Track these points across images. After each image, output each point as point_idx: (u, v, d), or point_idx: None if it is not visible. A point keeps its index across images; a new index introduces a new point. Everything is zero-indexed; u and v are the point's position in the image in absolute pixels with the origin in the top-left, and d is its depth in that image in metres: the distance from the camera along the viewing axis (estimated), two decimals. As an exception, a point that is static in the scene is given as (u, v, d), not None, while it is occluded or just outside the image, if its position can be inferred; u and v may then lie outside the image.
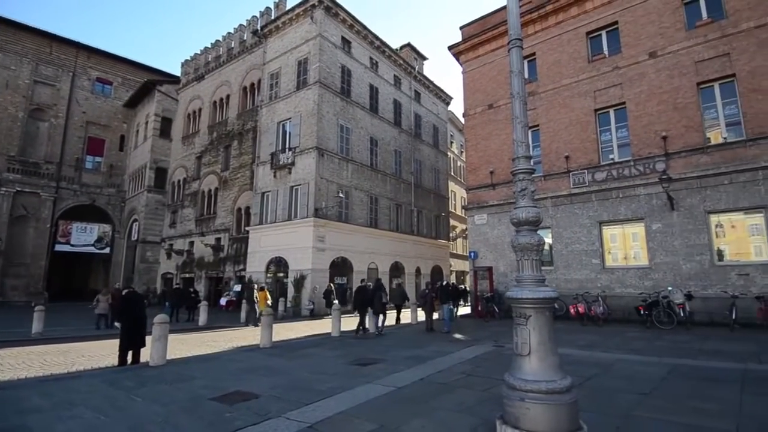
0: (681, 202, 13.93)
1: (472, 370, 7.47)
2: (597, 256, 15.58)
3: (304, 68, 22.87)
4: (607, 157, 16.11)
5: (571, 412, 3.68)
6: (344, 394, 5.89)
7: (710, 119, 14.16)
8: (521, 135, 4.44)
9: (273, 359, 8.82)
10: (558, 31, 17.82)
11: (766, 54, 13.00)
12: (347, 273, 22.58)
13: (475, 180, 19.70)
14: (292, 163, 22.11)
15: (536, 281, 4.06)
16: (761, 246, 12.76)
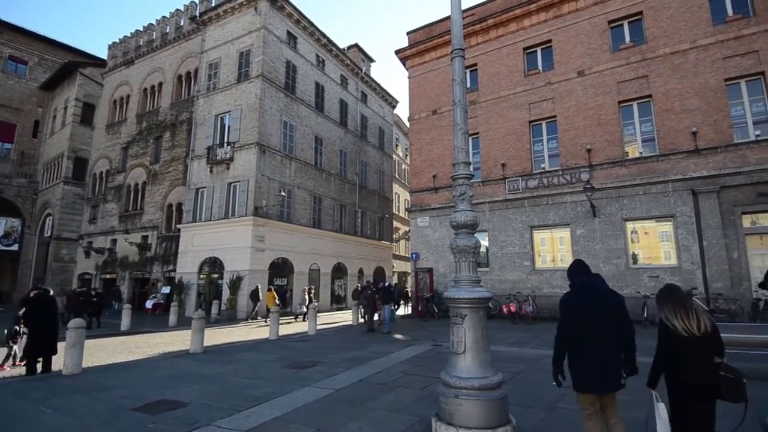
0: (602, 210, 15.21)
1: (411, 369, 7.59)
2: (528, 258, 16.55)
3: (246, 60, 22.01)
4: (539, 166, 17.19)
5: (502, 407, 3.85)
6: (281, 399, 5.73)
7: (629, 135, 15.61)
8: (462, 141, 4.58)
9: (204, 365, 8.36)
10: (498, 44, 18.74)
11: (679, 77, 14.60)
12: (288, 274, 22.01)
13: (419, 183, 20.12)
14: (230, 158, 21.16)
15: (472, 282, 4.21)
16: (670, 251, 14.27)
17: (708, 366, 3.06)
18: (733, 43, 13.85)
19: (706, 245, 13.43)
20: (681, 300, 3.20)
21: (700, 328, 3.04)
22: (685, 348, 3.06)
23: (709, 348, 3.08)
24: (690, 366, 3.05)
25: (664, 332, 3.18)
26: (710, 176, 13.57)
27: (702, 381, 3.03)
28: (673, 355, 3.11)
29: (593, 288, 3.58)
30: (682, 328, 3.07)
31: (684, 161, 14.15)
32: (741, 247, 13.15)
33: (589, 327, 3.27)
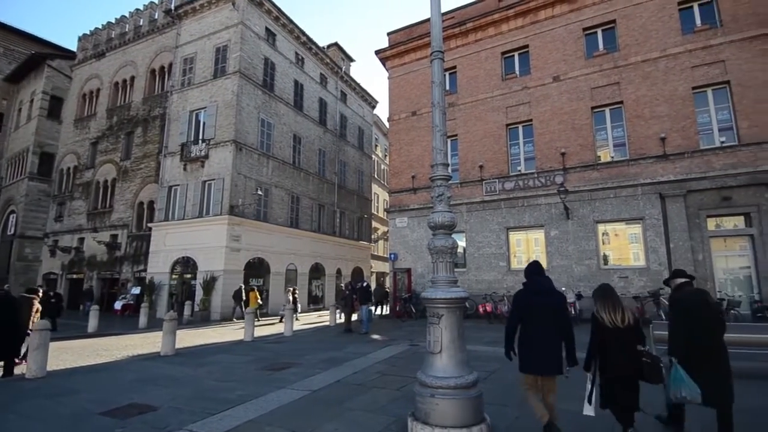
0: (575, 212, 15.61)
1: (388, 369, 7.59)
2: (504, 259, 16.82)
3: (223, 56, 21.58)
4: (515, 168, 17.50)
5: (477, 406, 3.90)
6: (255, 402, 5.63)
7: (601, 140, 16.08)
8: (440, 143, 4.61)
9: (176, 368, 8.14)
10: (477, 48, 18.99)
11: (649, 85, 15.13)
12: (264, 275, 21.67)
13: (398, 184, 20.17)
14: (205, 155, 20.69)
15: (449, 282, 4.24)
16: (639, 252, 14.78)
17: (631, 353, 3.68)
18: (701, 53, 14.46)
19: (672, 247, 13.97)
20: (610, 297, 3.86)
21: (624, 320, 3.72)
22: (612, 337, 3.70)
23: (632, 338, 3.73)
24: (616, 352, 3.68)
25: (595, 324, 3.85)
26: (677, 181, 14.12)
27: (625, 365, 3.65)
28: (601, 342, 3.75)
29: (541, 287, 4.08)
30: (609, 320, 3.73)
31: (653, 166, 14.68)
32: (706, 249, 13.74)
33: (535, 319, 3.90)
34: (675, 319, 4.25)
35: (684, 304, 4.21)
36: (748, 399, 5.24)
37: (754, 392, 5.64)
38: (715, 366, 3.88)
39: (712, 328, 3.97)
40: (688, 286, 4.41)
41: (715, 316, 4.08)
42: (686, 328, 4.03)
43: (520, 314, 3.99)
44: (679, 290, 4.43)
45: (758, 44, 13.66)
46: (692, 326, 3.99)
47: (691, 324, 4.01)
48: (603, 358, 3.75)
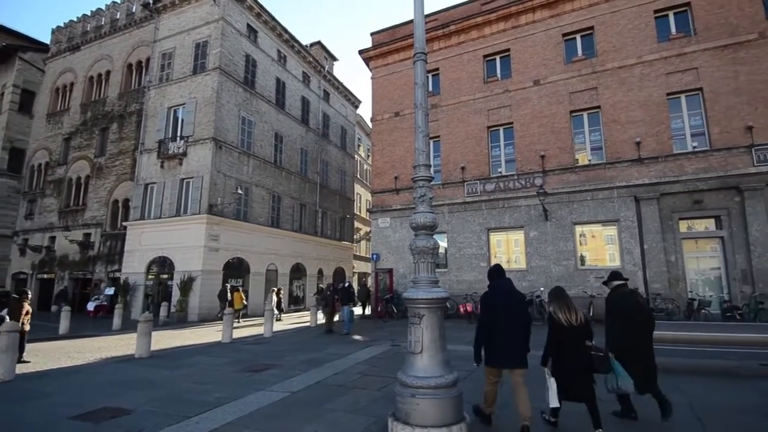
0: (553, 214, 15.90)
1: (369, 370, 7.57)
2: (485, 259, 17.01)
3: (203, 52, 21.17)
4: (496, 170, 17.72)
5: (456, 405, 3.92)
6: (233, 404, 5.54)
7: (579, 143, 16.44)
8: (422, 144, 4.61)
9: (151, 370, 7.94)
10: (459, 50, 19.15)
11: (625, 90, 15.54)
12: (243, 275, 21.34)
13: (380, 184, 20.16)
14: (183, 153, 20.25)
15: (430, 282, 4.26)
16: (614, 253, 15.15)
17: (582, 347, 4.16)
18: (675, 60, 14.93)
19: (646, 248, 14.38)
20: (564, 299, 4.29)
21: (577, 320, 4.16)
22: (567, 335, 4.14)
23: (583, 335, 4.18)
24: (570, 348, 4.13)
25: (552, 323, 4.27)
26: (651, 184, 14.54)
27: (579, 358, 4.12)
28: (558, 339, 4.18)
29: (505, 289, 4.45)
30: (564, 319, 4.16)
31: (628, 169, 15.08)
32: (678, 251, 14.19)
33: (500, 318, 4.23)
34: (611, 318, 4.72)
35: (618, 304, 4.70)
36: (718, 398, 5.42)
37: (724, 390, 5.84)
38: (646, 359, 4.47)
39: (642, 327, 4.54)
40: (622, 288, 4.90)
41: (645, 316, 4.67)
42: (620, 326, 4.54)
43: (490, 315, 4.29)
44: (614, 292, 4.91)
45: (729, 52, 14.20)
46: (626, 324, 4.51)
47: (624, 322, 4.53)
48: (559, 353, 4.18)
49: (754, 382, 6.06)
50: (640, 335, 4.52)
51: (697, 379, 6.32)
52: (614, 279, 5.03)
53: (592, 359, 4.18)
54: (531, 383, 4.34)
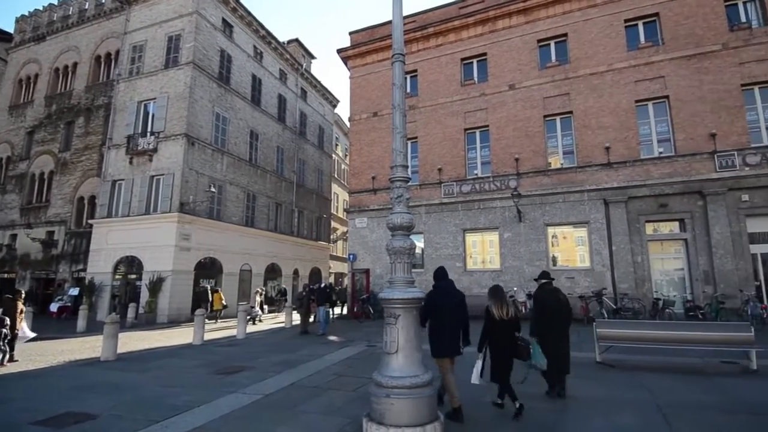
0: (527, 215, 16.23)
1: (344, 371, 7.52)
2: (460, 259, 17.19)
3: (176, 45, 20.58)
4: (472, 172, 17.95)
5: (431, 404, 3.94)
6: (204, 407, 5.40)
7: (552, 147, 16.83)
8: (400, 145, 4.62)
9: (118, 373, 7.65)
10: (437, 53, 19.30)
11: (596, 97, 16.01)
12: (216, 275, 20.85)
13: (358, 184, 20.09)
14: (154, 149, 19.62)
15: (407, 282, 4.27)
16: (584, 254, 15.59)
17: (510, 338, 4.96)
18: (643, 68, 15.49)
19: (615, 249, 14.86)
20: (500, 297, 5.01)
21: (507, 314, 4.91)
22: (498, 327, 4.91)
23: (512, 327, 4.98)
24: (500, 338, 4.92)
25: (487, 316, 4.99)
26: (620, 187, 15.04)
27: (507, 347, 4.93)
28: (491, 331, 4.94)
29: (447, 289, 5.03)
30: (497, 314, 4.91)
31: (598, 173, 15.55)
32: (644, 252, 14.73)
33: (443, 315, 4.73)
34: (536, 310, 5.70)
35: (543, 299, 5.69)
36: (682, 394, 5.64)
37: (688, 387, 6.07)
38: (563, 347, 5.48)
39: (561, 318, 5.56)
40: (548, 285, 5.83)
41: (563, 309, 5.64)
42: (543, 317, 5.52)
43: (431, 311, 4.81)
44: (540, 289, 5.87)
45: (695, 62, 14.84)
46: (548, 316, 5.50)
47: (546, 314, 5.52)
48: (492, 342, 4.96)
49: (716, 379, 6.34)
50: (558, 325, 5.52)
51: (663, 376, 6.56)
52: (542, 278, 5.94)
53: (517, 348, 4.99)
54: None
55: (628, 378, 6.49)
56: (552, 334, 5.40)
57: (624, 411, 4.91)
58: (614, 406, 5.09)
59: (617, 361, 7.54)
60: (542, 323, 5.49)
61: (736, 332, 6.83)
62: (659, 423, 4.50)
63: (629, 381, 6.31)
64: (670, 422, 4.49)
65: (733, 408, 4.92)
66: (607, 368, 7.16)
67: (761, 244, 13.74)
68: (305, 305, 13.64)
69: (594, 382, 6.31)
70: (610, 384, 6.15)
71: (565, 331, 5.59)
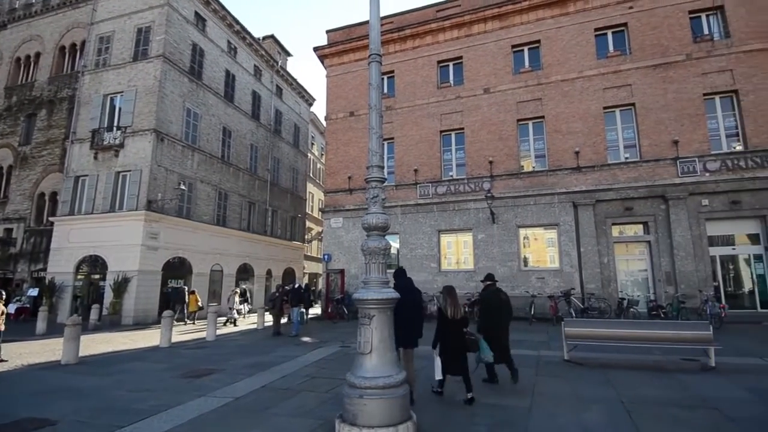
0: (500, 217, 16.54)
1: (317, 372, 7.45)
2: (435, 260, 17.35)
3: (146, 37, 19.89)
4: (447, 173, 18.15)
5: (404, 404, 3.94)
6: (171, 411, 5.23)
7: (524, 151, 17.22)
8: (376, 145, 4.62)
9: (79, 378, 7.32)
10: (414, 55, 19.42)
11: (567, 103, 16.48)
12: (185, 275, 20.25)
13: (334, 184, 19.96)
14: (120, 144, 18.90)
15: (381, 283, 4.26)
16: (554, 255, 16.01)
17: (460, 334, 5.49)
18: (611, 76, 16.06)
19: (583, 251, 15.33)
20: (452, 297, 5.55)
21: (457, 314, 5.47)
22: (450, 324, 5.44)
23: (462, 325, 5.52)
24: (452, 334, 5.43)
25: (440, 315, 5.51)
26: (588, 191, 15.53)
27: (457, 343, 5.44)
28: (444, 329, 5.46)
29: (407, 287, 5.45)
30: (450, 313, 5.44)
31: (568, 177, 16.01)
32: (610, 253, 15.26)
33: (403, 310, 4.91)
34: (481, 309, 6.48)
35: (487, 299, 6.46)
36: (645, 391, 5.86)
37: (651, 383, 6.31)
38: (504, 340, 6.21)
39: (502, 316, 6.29)
40: (492, 287, 6.60)
41: (505, 308, 6.37)
42: (488, 315, 6.27)
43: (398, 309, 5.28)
44: (486, 289, 6.65)
45: (660, 71, 15.49)
46: (491, 314, 6.25)
47: (490, 312, 6.27)
48: (444, 339, 5.44)
49: (677, 376, 6.61)
50: (500, 322, 6.24)
51: (627, 373, 6.80)
52: (488, 280, 6.74)
53: (466, 342, 5.54)
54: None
55: (595, 375, 6.70)
56: (495, 330, 6.11)
57: (590, 407, 5.06)
58: (580, 403, 5.24)
59: (584, 359, 7.78)
60: (487, 320, 6.22)
61: (695, 331, 7.15)
62: (623, 419, 4.65)
63: (595, 378, 6.51)
64: (633, 418, 4.66)
65: (693, 403, 5.14)
66: (575, 366, 7.37)
67: (719, 247, 14.49)
68: (278, 306, 13.43)
69: (561, 379, 6.48)
70: (577, 381, 6.33)
71: (506, 327, 6.34)
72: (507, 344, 6.26)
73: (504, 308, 6.35)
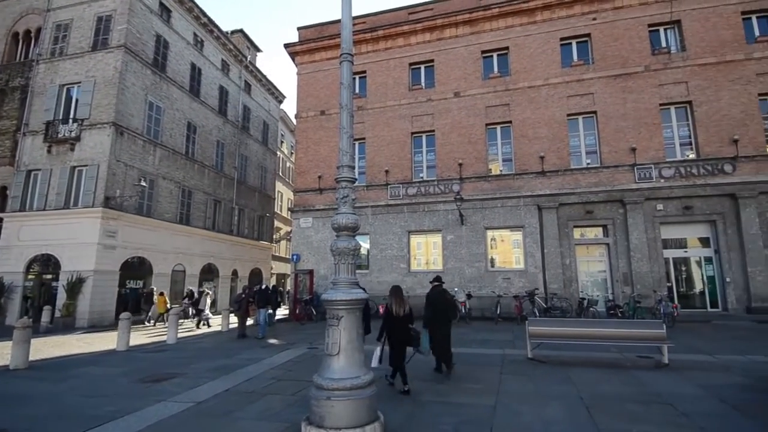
0: (468, 219, 16.84)
1: (283, 374, 7.32)
2: (405, 261, 17.46)
3: (106, 26, 18.98)
4: (418, 175, 18.31)
5: (371, 405, 3.94)
6: (128, 418, 5.01)
7: (492, 154, 17.61)
8: (347, 145, 4.59)
9: (30, 383, 6.90)
10: (387, 56, 19.48)
11: (533, 109, 16.98)
12: (145, 276, 19.43)
13: (304, 183, 19.72)
14: (77, 137, 17.93)
15: (350, 283, 4.24)
16: (520, 256, 16.45)
17: (405, 330, 6.10)
18: (575, 85, 16.68)
19: (546, 252, 15.84)
20: (399, 296, 6.13)
21: (403, 311, 6.05)
22: (396, 320, 6.04)
23: (407, 321, 6.13)
24: (396, 329, 6.03)
25: (387, 312, 6.14)
26: (552, 194, 16.07)
27: (402, 337, 6.05)
28: (390, 324, 6.06)
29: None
30: (395, 310, 6.03)
31: (533, 181, 16.51)
32: (572, 255, 15.84)
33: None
34: (426, 305, 7.11)
35: (432, 297, 7.16)
36: (603, 387, 6.10)
37: (609, 380, 6.58)
38: (446, 334, 6.93)
39: (443, 313, 7.02)
40: (438, 287, 7.34)
41: (447, 306, 7.26)
42: (431, 312, 6.95)
43: None
44: (432, 289, 7.36)
45: (620, 81, 16.23)
46: (435, 311, 6.96)
47: (434, 309, 6.98)
48: (390, 333, 6.04)
49: (633, 372, 6.93)
50: (443, 319, 6.96)
51: (587, 371, 7.06)
52: (435, 281, 7.49)
53: (410, 337, 6.17)
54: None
55: (557, 372, 6.93)
56: (438, 326, 6.84)
57: (551, 404, 5.22)
58: (543, 400, 5.40)
59: (547, 356, 8.03)
60: (432, 317, 6.89)
61: (650, 329, 7.52)
62: (583, 415, 4.83)
63: (557, 375, 6.73)
64: (592, 414, 4.84)
65: (648, 399, 5.40)
66: (538, 364, 7.60)
67: (672, 250, 15.34)
68: (243, 307, 13.11)
69: (525, 377, 6.67)
70: (539, 379, 6.52)
71: (448, 324, 7.07)
72: (448, 340, 6.99)
73: (447, 307, 7.20)
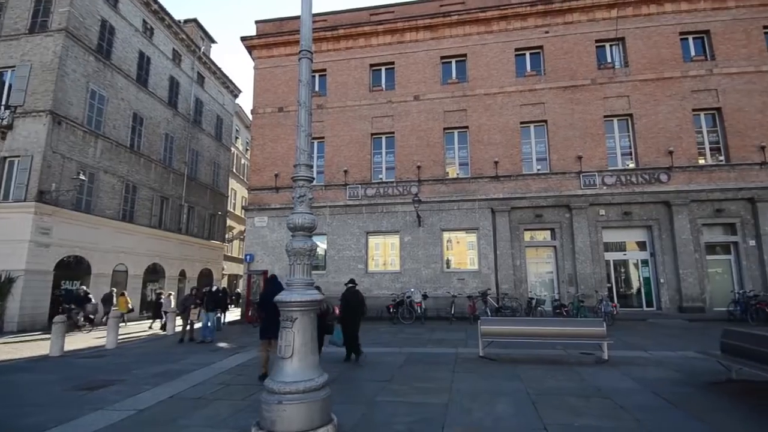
0: (426, 220, 17.10)
1: (233, 379, 7.07)
2: (362, 261, 17.43)
3: (46, 8, 17.52)
4: (377, 176, 18.36)
5: (324, 407, 3.88)
6: (61, 428, 4.64)
7: (449, 158, 18.01)
8: (304, 143, 4.51)
9: (-63, 396, 6.17)
10: (347, 55, 19.39)
11: (489, 115, 17.53)
12: (82, 276, 18.06)
13: (259, 181, 19.17)
14: (8, 125, 16.40)
15: (305, 285, 4.17)
16: (474, 258, 16.91)
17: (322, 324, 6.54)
18: (528, 94, 17.41)
19: (498, 254, 16.40)
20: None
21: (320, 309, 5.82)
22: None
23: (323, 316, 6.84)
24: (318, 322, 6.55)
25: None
26: (505, 198, 16.67)
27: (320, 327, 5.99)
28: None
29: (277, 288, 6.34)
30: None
31: (487, 185, 17.05)
32: (522, 257, 16.50)
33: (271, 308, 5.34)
34: (341, 304, 8.39)
35: (346, 297, 8.44)
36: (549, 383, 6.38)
37: (554, 376, 6.89)
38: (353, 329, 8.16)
39: (355, 311, 8.29)
40: (352, 288, 8.60)
41: (359, 304, 8.47)
42: (346, 310, 8.20)
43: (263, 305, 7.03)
44: (347, 290, 8.58)
45: (569, 93, 17.12)
46: (347, 308, 8.25)
47: (347, 307, 8.27)
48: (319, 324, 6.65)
49: (575, 368, 7.30)
50: (354, 315, 8.23)
51: (534, 367, 7.37)
52: (349, 283, 8.75)
53: (327, 327, 7.53)
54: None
55: (506, 370, 7.17)
56: (350, 321, 8.10)
57: (500, 400, 5.39)
58: (493, 396, 5.57)
59: (498, 354, 8.29)
60: (345, 314, 8.14)
61: (591, 327, 7.97)
62: (529, 409, 5.03)
63: (507, 372, 6.97)
64: (538, 408, 5.05)
65: (588, 393, 5.71)
66: (489, 362, 7.83)
67: (613, 252, 16.39)
68: (188, 310, 12.52)
69: (477, 375, 6.85)
70: (490, 376, 6.72)
71: (358, 320, 8.32)
72: (357, 333, 8.21)
73: (359, 306, 8.43)
